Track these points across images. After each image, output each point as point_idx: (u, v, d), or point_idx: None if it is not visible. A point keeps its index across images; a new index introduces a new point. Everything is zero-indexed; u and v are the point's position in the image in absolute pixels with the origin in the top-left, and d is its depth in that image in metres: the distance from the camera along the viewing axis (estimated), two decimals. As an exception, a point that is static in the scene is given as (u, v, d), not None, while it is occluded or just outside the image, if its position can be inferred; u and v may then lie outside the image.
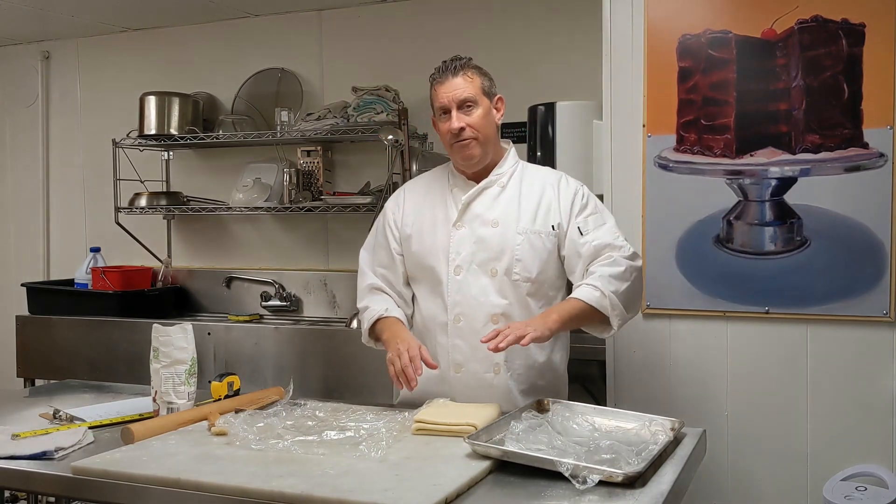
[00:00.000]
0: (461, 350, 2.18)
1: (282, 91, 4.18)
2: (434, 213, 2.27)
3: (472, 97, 2.17)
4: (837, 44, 2.41)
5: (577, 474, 1.51)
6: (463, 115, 2.17)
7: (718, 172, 2.54)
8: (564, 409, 1.96)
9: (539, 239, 2.19)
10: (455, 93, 2.16)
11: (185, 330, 2.06)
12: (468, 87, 2.17)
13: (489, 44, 3.71)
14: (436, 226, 2.25)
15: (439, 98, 2.19)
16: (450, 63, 2.20)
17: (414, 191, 2.37)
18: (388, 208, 2.37)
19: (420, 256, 2.25)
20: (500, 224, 2.20)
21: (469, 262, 2.19)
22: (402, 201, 2.34)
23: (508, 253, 2.18)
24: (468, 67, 2.20)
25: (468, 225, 2.21)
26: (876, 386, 2.42)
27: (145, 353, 2.07)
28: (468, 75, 2.18)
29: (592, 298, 2.10)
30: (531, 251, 2.18)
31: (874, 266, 2.40)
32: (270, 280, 4.18)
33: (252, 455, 1.69)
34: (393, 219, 2.33)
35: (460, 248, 2.20)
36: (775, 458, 2.52)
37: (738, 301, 2.53)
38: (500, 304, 2.18)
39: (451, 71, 2.18)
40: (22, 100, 4.87)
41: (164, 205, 4.25)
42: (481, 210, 2.22)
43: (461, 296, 2.19)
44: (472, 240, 2.20)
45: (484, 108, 2.19)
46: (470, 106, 2.17)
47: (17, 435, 1.86)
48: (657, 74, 2.59)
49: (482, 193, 2.23)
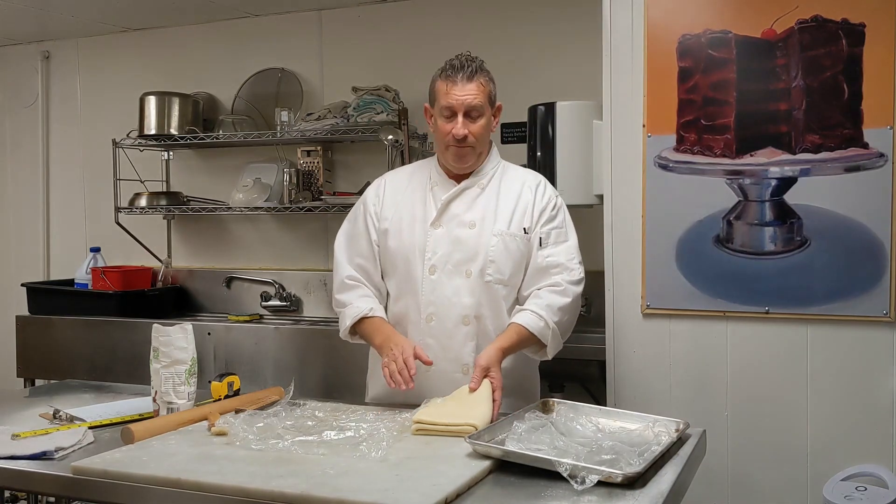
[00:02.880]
0: (432, 349, 2.17)
1: (282, 91, 4.18)
2: (413, 210, 2.26)
3: (480, 106, 2.15)
4: (837, 44, 2.41)
5: (576, 474, 1.51)
6: (468, 123, 2.15)
7: (718, 172, 2.54)
8: (569, 409, 1.96)
9: (514, 241, 2.20)
10: (466, 99, 2.14)
11: (185, 330, 2.06)
12: (479, 96, 2.15)
13: (489, 44, 3.70)
14: (414, 223, 2.24)
15: (448, 98, 2.15)
16: (466, 64, 2.16)
17: (395, 183, 2.34)
18: (369, 199, 2.33)
19: (395, 253, 2.25)
20: (477, 225, 2.20)
21: (444, 262, 2.19)
22: (383, 193, 2.32)
23: (483, 254, 2.18)
24: (482, 73, 2.17)
25: (445, 225, 2.21)
26: (876, 386, 2.42)
27: (145, 353, 2.07)
28: (481, 82, 2.16)
29: (536, 328, 2.13)
30: (505, 253, 2.19)
31: (874, 266, 2.40)
32: (270, 280, 4.18)
33: (252, 455, 1.69)
34: (373, 210, 2.31)
35: (437, 248, 2.20)
36: (775, 458, 2.52)
37: (738, 301, 2.53)
38: (472, 305, 2.19)
39: (467, 75, 2.14)
40: (22, 100, 4.87)
41: (164, 205, 4.25)
42: (459, 211, 2.22)
43: (435, 296, 2.19)
44: (448, 240, 2.20)
45: (487, 117, 2.19)
46: (477, 114, 2.16)
47: (17, 435, 1.86)
48: (657, 74, 2.59)
49: (462, 194, 2.23)
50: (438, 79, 2.19)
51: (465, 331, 2.19)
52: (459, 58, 2.18)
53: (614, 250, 2.67)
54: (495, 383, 2.03)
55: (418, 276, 2.21)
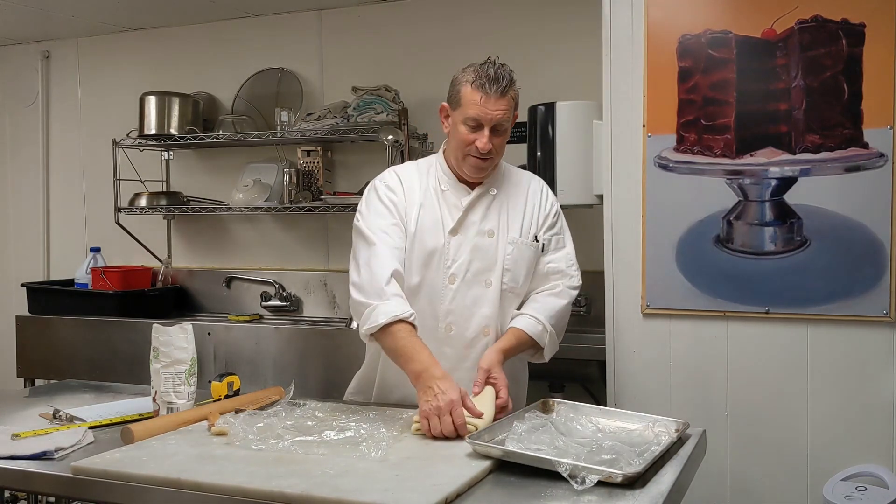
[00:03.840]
0: (449, 358, 2.11)
1: (282, 91, 4.18)
2: (433, 214, 2.15)
3: (507, 122, 2.09)
4: (837, 44, 2.41)
5: (576, 474, 1.51)
6: (493, 137, 2.07)
7: (718, 172, 2.54)
8: (569, 409, 1.96)
9: (528, 249, 2.19)
10: (496, 114, 2.05)
11: (185, 330, 2.06)
12: (508, 112, 2.08)
13: (489, 44, 3.67)
14: (435, 229, 2.14)
15: (476, 109, 2.04)
16: (501, 77, 2.04)
17: (410, 182, 2.19)
18: (394, 195, 2.16)
19: (417, 259, 2.14)
20: (495, 234, 2.16)
21: (464, 271, 2.14)
22: (402, 192, 2.17)
23: (500, 263, 2.15)
24: (514, 86, 2.08)
25: (464, 232, 2.15)
26: (876, 386, 2.42)
27: (145, 353, 2.07)
28: (512, 96, 2.08)
29: (535, 332, 2.13)
30: (520, 261, 2.17)
31: (874, 266, 2.40)
32: (270, 280, 4.18)
33: (252, 455, 1.69)
34: (404, 207, 2.15)
35: (457, 257, 2.13)
36: (775, 458, 2.52)
37: (738, 301, 2.53)
38: (492, 315, 2.16)
39: (501, 89, 2.04)
40: (22, 100, 4.87)
41: (164, 205, 4.25)
42: (477, 218, 2.16)
43: (454, 305, 2.14)
44: (468, 249, 2.14)
45: (508, 132, 2.13)
46: (503, 129, 2.09)
47: (17, 435, 1.86)
48: (657, 74, 2.59)
49: (480, 200, 2.17)
50: (468, 84, 2.06)
51: (485, 341, 2.15)
52: (493, 66, 2.06)
53: (614, 250, 2.67)
54: (499, 383, 2.02)
55: (438, 284, 2.14)
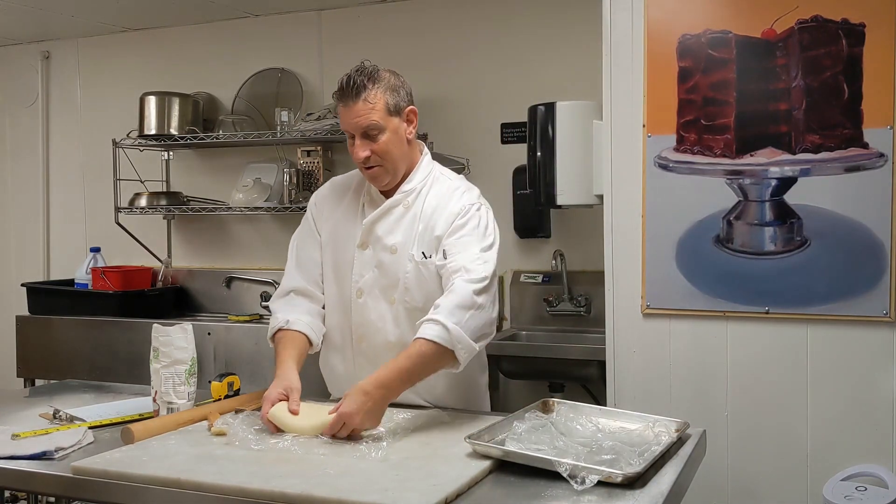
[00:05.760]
0: (365, 368, 2.06)
1: (282, 91, 4.18)
2: (347, 228, 2.17)
3: (374, 124, 2.01)
4: (837, 44, 2.41)
5: (576, 474, 1.51)
6: (369, 143, 2.03)
7: (718, 172, 2.54)
8: (569, 409, 1.95)
9: (426, 268, 2.07)
10: (356, 121, 2.01)
11: (185, 330, 2.06)
12: (370, 114, 2.00)
13: (489, 44, 3.70)
14: (347, 241, 2.15)
15: (342, 121, 2.06)
16: (350, 84, 2.01)
17: (333, 194, 2.25)
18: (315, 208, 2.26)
19: (329, 271, 2.18)
20: (398, 250, 2.09)
21: (371, 286, 2.11)
22: (323, 206, 2.24)
23: (401, 280, 2.09)
24: (370, 88, 2.00)
25: (372, 247, 2.12)
26: (876, 386, 2.42)
27: (145, 353, 2.07)
28: (368, 100, 2.00)
29: (434, 334, 1.89)
30: (418, 280, 2.07)
31: (874, 266, 2.40)
32: (270, 280, 4.18)
33: (252, 455, 1.69)
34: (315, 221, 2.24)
35: (363, 271, 2.12)
36: (775, 458, 2.52)
37: (738, 301, 2.53)
38: (396, 333, 2.10)
39: (352, 95, 2.00)
40: (22, 100, 4.88)
41: (164, 205, 4.25)
42: (383, 233, 2.10)
43: (363, 319, 2.12)
44: (373, 264, 2.11)
45: (390, 131, 2.04)
46: (376, 132, 2.02)
47: (17, 435, 1.86)
48: (657, 74, 2.59)
49: (388, 213, 2.11)
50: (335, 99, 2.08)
51: (392, 356, 1.97)
52: (347, 76, 2.03)
53: (614, 250, 2.67)
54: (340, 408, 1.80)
55: (349, 296, 2.13)
